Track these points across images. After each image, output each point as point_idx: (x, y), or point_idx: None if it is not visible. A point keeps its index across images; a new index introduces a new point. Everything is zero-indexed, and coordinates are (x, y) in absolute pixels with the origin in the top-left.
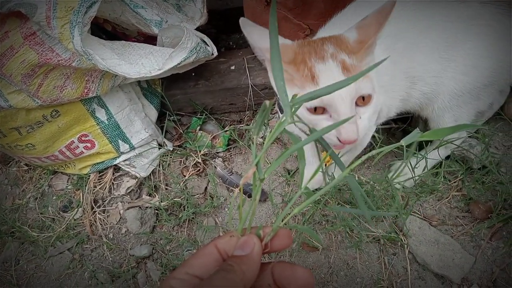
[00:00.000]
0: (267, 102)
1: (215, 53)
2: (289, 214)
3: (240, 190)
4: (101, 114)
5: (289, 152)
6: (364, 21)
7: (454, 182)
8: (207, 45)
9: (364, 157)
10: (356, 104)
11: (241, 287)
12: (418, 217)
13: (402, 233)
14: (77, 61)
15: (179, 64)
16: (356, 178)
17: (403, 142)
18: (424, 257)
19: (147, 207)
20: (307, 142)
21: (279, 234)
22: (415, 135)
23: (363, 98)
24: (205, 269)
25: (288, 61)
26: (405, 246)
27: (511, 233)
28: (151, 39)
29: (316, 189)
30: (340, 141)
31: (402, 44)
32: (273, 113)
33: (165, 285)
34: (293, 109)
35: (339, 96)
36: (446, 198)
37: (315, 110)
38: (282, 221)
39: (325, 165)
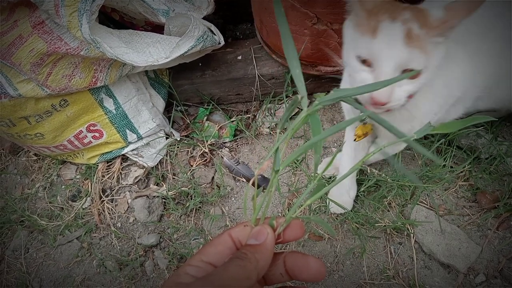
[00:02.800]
0: (299, 96)
1: (222, 42)
2: (301, 205)
3: (255, 180)
4: (109, 104)
5: (310, 143)
6: (454, 4)
7: (461, 172)
8: (214, 34)
9: (376, 150)
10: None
11: (254, 275)
12: (424, 206)
13: (409, 223)
14: (85, 50)
15: (186, 52)
16: (369, 171)
17: (416, 135)
18: (430, 246)
19: (154, 196)
20: (331, 132)
21: (292, 225)
22: (427, 128)
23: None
24: (219, 256)
25: (365, 8)
26: (412, 235)
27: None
28: (158, 29)
29: (330, 177)
30: (371, 100)
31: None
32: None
33: (181, 271)
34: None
35: (388, 55)
36: (453, 188)
37: (363, 62)
38: (294, 212)
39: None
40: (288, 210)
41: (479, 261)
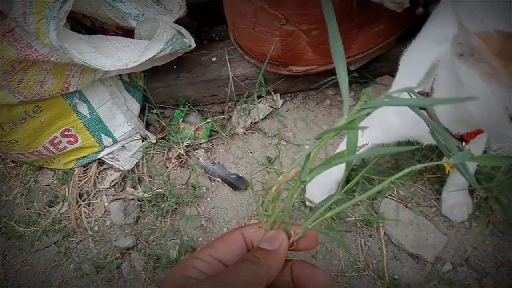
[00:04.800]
0: (345, 105)
1: (193, 45)
2: (321, 216)
3: (277, 187)
4: (83, 109)
5: (342, 160)
6: None
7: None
8: (184, 37)
9: (407, 170)
10: None
11: (265, 281)
12: (393, 199)
13: (377, 215)
14: (55, 56)
15: (155, 55)
16: None
17: (452, 160)
18: (399, 238)
19: (130, 199)
20: (370, 155)
21: (308, 236)
22: (466, 156)
23: None
24: (229, 255)
25: (495, 52)
26: (381, 228)
27: (483, 213)
28: (130, 33)
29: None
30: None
31: None
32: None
33: (188, 264)
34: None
35: None
36: (421, 180)
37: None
38: (312, 222)
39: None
40: (263, 208)
41: (446, 250)
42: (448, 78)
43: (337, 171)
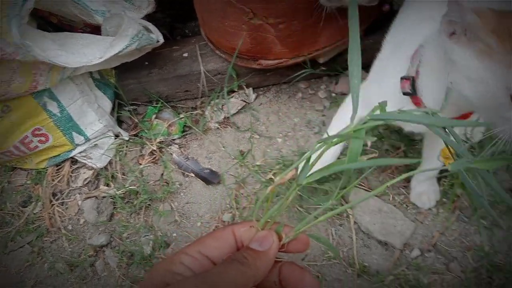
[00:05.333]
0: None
1: (161, 40)
2: (315, 219)
3: (273, 187)
4: (53, 107)
5: (342, 168)
6: None
7: (397, 153)
8: (152, 32)
9: (404, 176)
10: None
11: (252, 282)
12: (362, 188)
13: (347, 204)
14: (21, 54)
15: (121, 51)
16: None
17: (450, 167)
18: (368, 226)
19: (103, 197)
20: (369, 164)
21: (299, 239)
22: (464, 162)
23: None
24: (218, 252)
25: (491, 30)
26: (350, 216)
27: (449, 199)
28: (98, 30)
29: None
30: None
31: None
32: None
33: (175, 259)
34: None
35: None
36: (389, 169)
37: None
38: (304, 226)
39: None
40: (236, 202)
41: (414, 236)
42: (436, 60)
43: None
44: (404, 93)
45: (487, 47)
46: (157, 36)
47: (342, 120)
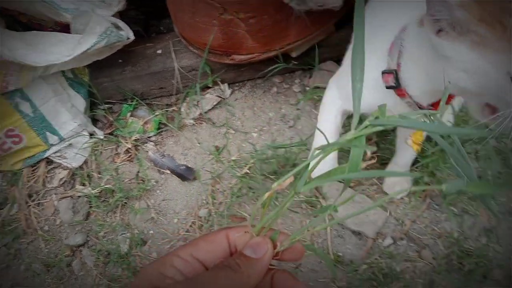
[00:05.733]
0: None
1: (131, 37)
2: (312, 228)
3: (271, 193)
4: (25, 108)
5: (342, 177)
6: None
7: (369, 144)
8: (122, 29)
9: (403, 194)
10: None
11: None
12: (336, 181)
13: (321, 196)
14: None
15: (89, 49)
16: None
17: (444, 188)
18: (341, 216)
19: (79, 196)
20: (373, 175)
21: (294, 248)
22: (461, 184)
23: None
24: (211, 256)
25: (478, 19)
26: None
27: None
28: (68, 28)
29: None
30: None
31: None
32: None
33: (167, 261)
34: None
35: None
36: (363, 160)
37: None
38: (300, 234)
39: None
40: (213, 197)
41: (387, 225)
42: (419, 52)
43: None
44: (388, 87)
45: (479, 37)
46: (127, 33)
47: (330, 115)
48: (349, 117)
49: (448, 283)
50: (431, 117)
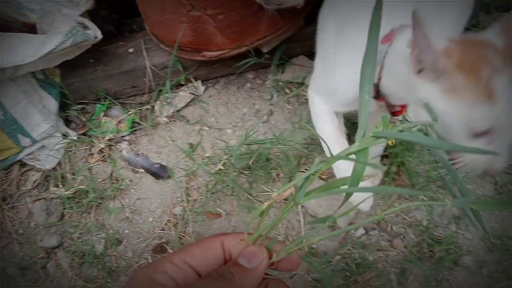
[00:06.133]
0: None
1: (99, 36)
2: (308, 240)
3: (270, 203)
4: None
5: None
6: (506, 24)
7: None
8: (89, 28)
9: (396, 209)
10: None
11: None
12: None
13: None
14: None
15: (54, 49)
16: None
17: (450, 204)
18: (314, 208)
19: (52, 198)
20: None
21: (290, 258)
22: (466, 202)
23: None
24: (204, 263)
25: (457, 65)
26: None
27: (389, 177)
28: (35, 29)
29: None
30: (487, 169)
31: None
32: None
33: (159, 266)
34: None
35: None
36: None
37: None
38: (297, 245)
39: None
40: (187, 194)
41: (359, 216)
42: (401, 71)
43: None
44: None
45: (453, 84)
46: (94, 32)
47: (325, 123)
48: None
49: (419, 271)
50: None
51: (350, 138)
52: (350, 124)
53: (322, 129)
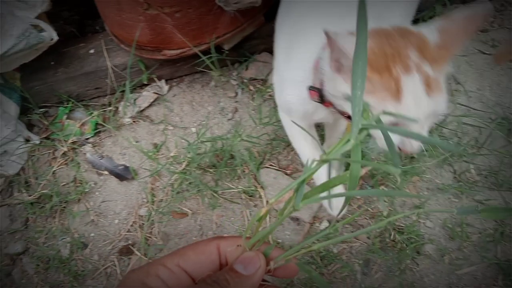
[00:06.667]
0: (353, 131)
1: (55, 38)
2: (306, 248)
3: (267, 210)
4: None
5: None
6: (448, 23)
7: None
8: (44, 30)
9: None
10: None
11: None
12: (274, 168)
13: (260, 186)
14: None
15: (7, 52)
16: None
17: (456, 211)
18: (279, 204)
19: (16, 204)
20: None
21: (288, 266)
22: (474, 210)
23: None
24: (199, 267)
25: (370, 66)
26: (263, 196)
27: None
28: None
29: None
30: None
31: None
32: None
33: (151, 270)
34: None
35: (418, 116)
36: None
37: None
38: (296, 252)
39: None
40: (152, 195)
41: (323, 209)
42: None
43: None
44: (315, 101)
45: (368, 83)
46: (50, 34)
47: (299, 137)
48: None
49: (383, 261)
50: None
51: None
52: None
53: (299, 149)
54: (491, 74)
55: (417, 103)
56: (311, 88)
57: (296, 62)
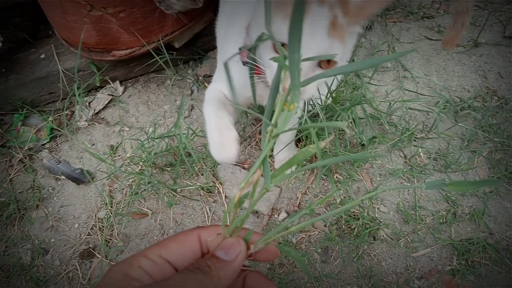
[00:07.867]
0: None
1: None
2: (286, 229)
3: (240, 195)
4: None
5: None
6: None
7: (259, 126)
8: None
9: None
10: (319, 66)
11: None
12: (231, 163)
13: (218, 181)
14: None
15: None
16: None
17: (425, 186)
18: (229, 193)
19: None
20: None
21: (268, 249)
22: (441, 184)
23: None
24: (181, 257)
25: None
26: (221, 191)
27: (309, 161)
28: None
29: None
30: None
31: None
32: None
33: (135, 262)
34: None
35: (309, 45)
36: (254, 141)
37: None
38: (274, 235)
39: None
40: (111, 197)
41: (280, 201)
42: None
43: None
44: (244, 63)
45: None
46: None
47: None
48: None
49: (340, 247)
50: None
51: None
52: None
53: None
54: (438, 59)
55: (314, 35)
56: (242, 49)
57: (233, 34)
